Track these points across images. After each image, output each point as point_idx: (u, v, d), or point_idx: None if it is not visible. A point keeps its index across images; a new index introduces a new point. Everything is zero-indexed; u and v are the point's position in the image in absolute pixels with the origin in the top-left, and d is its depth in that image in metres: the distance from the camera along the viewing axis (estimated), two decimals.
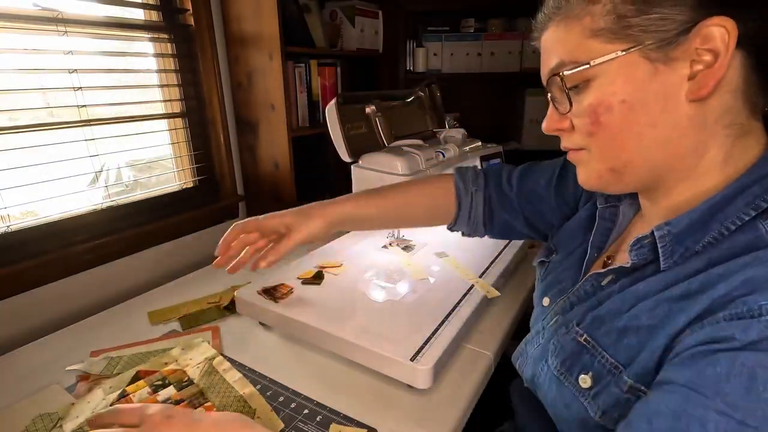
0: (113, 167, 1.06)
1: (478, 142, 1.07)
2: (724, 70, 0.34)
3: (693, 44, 0.34)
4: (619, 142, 0.39)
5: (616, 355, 0.39)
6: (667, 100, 0.36)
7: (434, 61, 1.82)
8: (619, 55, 0.36)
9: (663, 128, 0.37)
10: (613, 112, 0.38)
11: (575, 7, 0.38)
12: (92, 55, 1.00)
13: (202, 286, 0.93)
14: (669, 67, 0.35)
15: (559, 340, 0.46)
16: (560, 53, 0.40)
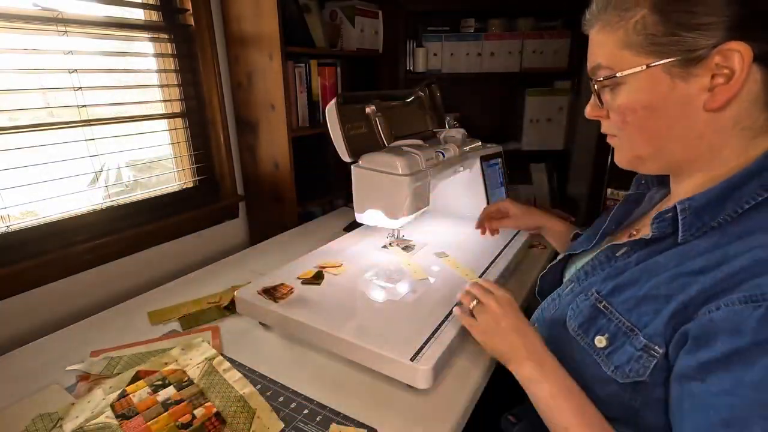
0: (113, 167, 1.06)
1: (478, 142, 1.07)
2: (739, 87, 0.38)
3: (713, 61, 0.39)
4: (642, 138, 0.46)
5: (632, 320, 0.44)
6: (685, 108, 0.42)
7: (434, 61, 1.82)
8: (643, 69, 0.42)
9: (680, 131, 0.43)
10: (637, 114, 0.44)
11: (613, 17, 0.43)
12: (92, 55, 1.00)
13: (202, 286, 0.93)
14: (687, 82, 0.40)
15: (579, 305, 0.51)
16: (599, 56, 0.46)
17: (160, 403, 0.59)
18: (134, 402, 0.59)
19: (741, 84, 0.38)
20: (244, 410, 0.58)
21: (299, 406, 0.59)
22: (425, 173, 0.78)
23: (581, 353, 0.49)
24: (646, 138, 0.46)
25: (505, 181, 1.15)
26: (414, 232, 1.04)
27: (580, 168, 1.87)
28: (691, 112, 0.42)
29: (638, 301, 0.44)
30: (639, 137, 0.46)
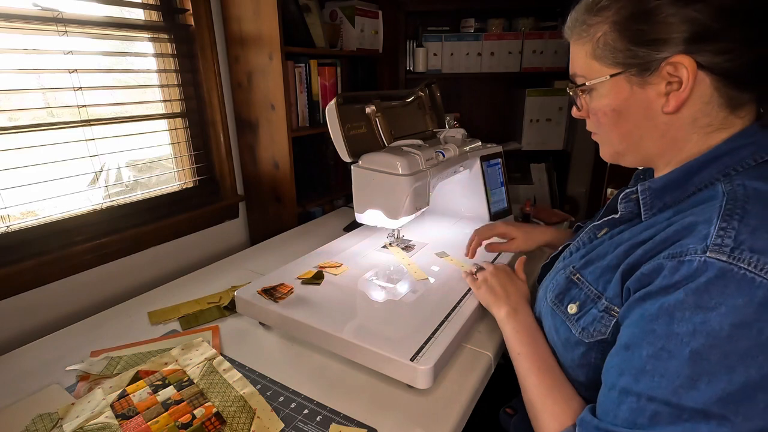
0: (113, 167, 1.06)
1: (478, 142, 1.07)
2: (688, 93, 0.44)
3: (665, 71, 0.45)
4: (616, 136, 0.52)
5: (598, 287, 0.50)
6: (646, 111, 0.48)
7: (434, 61, 1.82)
8: (608, 78, 0.49)
9: (645, 130, 0.49)
10: (608, 116, 0.51)
11: (582, 33, 0.50)
12: (92, 55, 1.00)
13: (202, 286, 0.93)
14: (644, 88, 0.47)
15: (557, 279, 0.58)
16: (573, 66, 0.53)
17: (160, 403, 0.59)
18: (134, 402, 0.59)
19: (689, 90, 0.44)
20: (244, 410, 0.58)
21: (299, 406, 0.59)
22: (425, 173, 0.78)
23: (556, 320, 0.56)
24: (619, 136, 0.52)
25: (505, 181, 1.15)
26: (414, 232, 1.04)
27: (580, 168, 1.87)
28: (651, 114, 0.48)
29: (603, 271, 0.50)
30: (613, 135, 0.53)
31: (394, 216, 0.78)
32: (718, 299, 0.37)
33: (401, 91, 1.00)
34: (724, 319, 0.36)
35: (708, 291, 0.37)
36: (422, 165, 0.78)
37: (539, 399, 0.53)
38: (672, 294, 0.39)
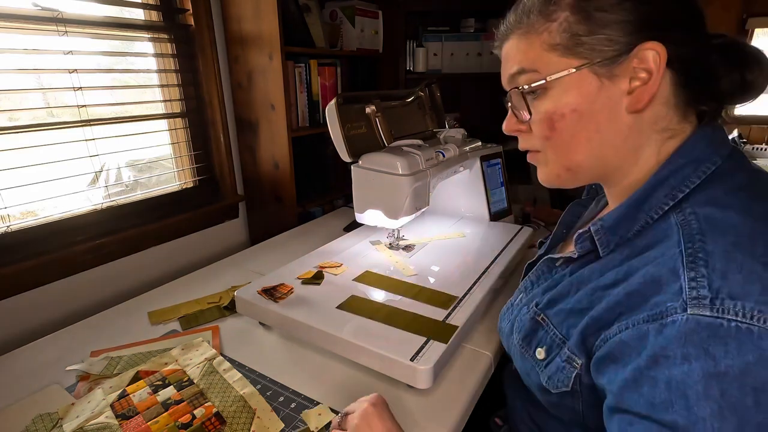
0: (113, 167, 1.06)
1: (478, 142, 1.07)
2: (657, 87, 0.40)
3: (632, 63, 0.40)
4: (572, 145, 0.45)
5: (563, 332, 0.45)
6: (611, 111, 0.42)
7: (434, 61, 1.82)
8: (572, 72, 0.42)
9: (608, 134, 0.44)
10: (566, 119, 0.44)
11: (535, 22, 0.44)
12: (92, 55, 1.00)
13: (202, 286, 0.93)
14: (612, 82, 0.41)
15: (521, 319, 0.53)
16: (521, 61, 0.46)
17: (160, 403, 0.59)
18: (134, 402, 0.59)
19: (658, 83, 0.40)
20: (244, 410, 0.58)
21: (299, 406, 0.59)
22: (425, 173, 0.78)
23: (526, 365, 0.51)
24: (575, 144, 0.45)
25: (505, 181, 1.15)
26: (414, 232, 1.04)
27: None
28: (616, 114, 0.43)
29: (567, 314, 0.46)
30: (568, 146, 0.45)
31: (394, 216, 0.78)
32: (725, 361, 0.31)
33: (401, 91, 1.00)
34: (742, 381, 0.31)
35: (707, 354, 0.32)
36: (422, 165, 0.78)
37: None
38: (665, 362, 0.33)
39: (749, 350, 0.31)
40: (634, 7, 0.39)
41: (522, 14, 0.45)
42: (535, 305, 0.51)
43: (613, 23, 0.40)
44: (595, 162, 0.46)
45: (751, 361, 0.31)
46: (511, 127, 0.51)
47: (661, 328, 0.34)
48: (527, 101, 0.46)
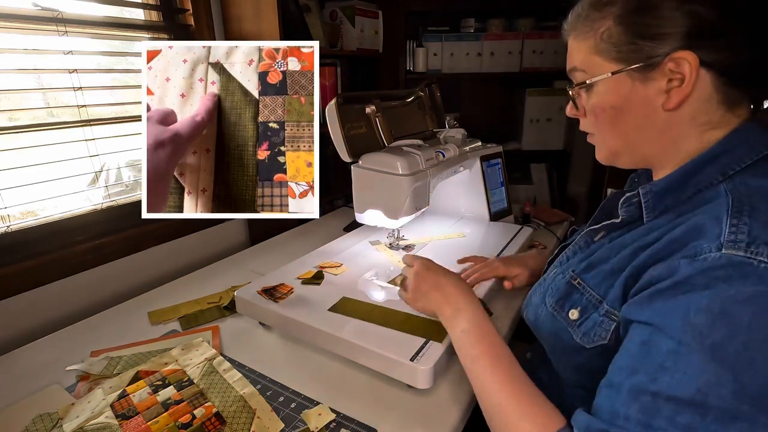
0: (113, 167, 1.06)
1: (478, 142, 1.07)
2: (690, 89, 0.44)
3: (667, 67, 0.44)
4: (613, 134, 0.51)
5: (599, 292, 0.49)
6: (646, 108, 0.47)
7: (434, 61, 1.82)
8: (609, 75, 0.48)
9: (645, 128, 0.49)
10: (606, 113, 0.50)
11: (585, 28, 0.49)
12: (92, 55, 0.99)
13: (202, 286, 0.93)
14: (646, 85, 0.46)
15: (556, 284, 0.56)
16: (575, 60, 0.52)
17: (160, 403, 0.59)
18: (134, 402, 0.59)
19: (691, 87, 0.44)
20: (244, 410, 0.58)
21: (299, 406, 0.59)
22: (425, 173, 0.78)
23: (557, 326, 0.54)
24: (617, 134, 0.51)
25: (505, 181, 1.15)
26: (414, 232, 1.04)
27: (580, 168, 1.87)
28: (651, 111, 0.47)
29: (605, 275, 0.49)
30: (611, 134, 0.52)
31: (394, 216, 0.78)
32: (738, 288, 0.36)
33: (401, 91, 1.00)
34: (743, 308, 0.35)
35: (727, 282, 0.36)
36: (422, 165, 0.78)
37: (511, 404, 0.47)
38: (686, 289, 0.38)
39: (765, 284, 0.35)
40: (672, 21, 0.43)
41: (575, 19, 0.51)
42: (572, 271, 0.54)
43: (652, 35, 0.44)
44: (635, 150, 0.51)
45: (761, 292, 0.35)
46: (570, 112, 0.56)
47: (692, 262, 0.38)
48: (579, 95, 0.53)
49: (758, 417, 0.34)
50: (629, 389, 0.39)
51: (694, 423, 0.35)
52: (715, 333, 0.35)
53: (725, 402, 0.34)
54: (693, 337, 0.36)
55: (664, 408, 0.36)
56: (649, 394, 0.37)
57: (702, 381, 0.35)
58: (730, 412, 0.34)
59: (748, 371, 0.34)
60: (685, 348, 0.36)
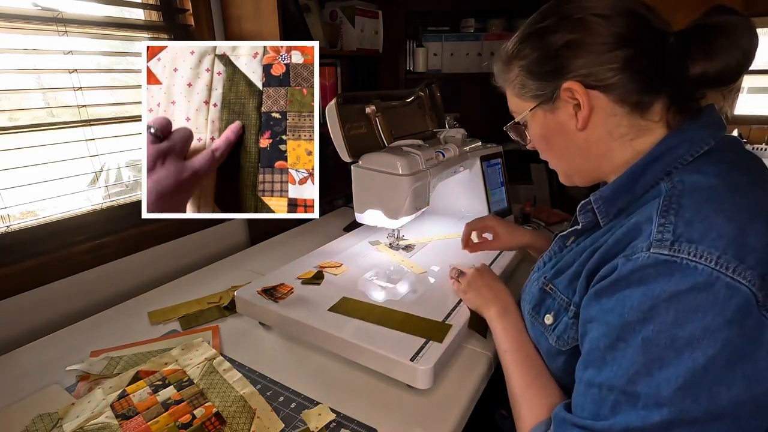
0: (113, 167, 1.06)
1: (478, 142, 1.07)
2: (589, 109, 0.50)
3: (565, 96, 0.51)
4: (555, 159, 0.59)
5: (568, 296, 0.52)
6: (564, 133, 0.54)
7: (434, 61, 1.82)
8: (528, 113, 0.57)
9: (573, 149, 0.55)
10: (541, 143, 0.58)
11: (503, 80, 0.59)
12: (92, 55, 1.00)
13: (202, 286, 0.93)
14: (555, 114, 0.54)
15: (532, 291, 0.60)
16: (509, 104, 0.61)
17: (160, 403, 0.59)
18: (134, 402, 0.59)
19: (589, 107, 0.50)
20: (244, 410, 0.58)
21: (299, 406, 0.59)
22: (425, 173, 0.78)
23: (535, 332, 0.58)
24: (557, 158, 0.59)
25: (505, 181, 1.15)
26: (414, 232, 1.04)
27: None
28: (569, 134, 0.53)
29: (571, 279, 0.53)
30: (554, 159, 0.59)
31: (394, 216, 0.78)
32: (663, 286, 0.39)
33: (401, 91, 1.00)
34: (669, 305, 0.39)
35: (655, 281, 0.40)
36: (422, 165, 0.78)
37: (520, 391, 0.55)
38: (622, 287, 0.42)
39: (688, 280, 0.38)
40: (557, 59, 0.51)
41: (497, 74, 0.61)
42: (544, 277, 0.58)
43: (541, 76, 0.53)
44: (576, 169, 0.57)
45: (683, 289, 0.38)
46: (528, 146, 0.62)
47: (627, 262, 0.42)
48: (522, 131, 0.61)
49: (681, 403, 0.37)
50: (584, 383, 0.44)
51: (626, 410, 0.40)
52: (646, 329, 0.39)
53: (651, 390, 0.38)
54: (628, 332, 0.41)
55: (607, 398, 0.41)
56: (596, 386, 0.42)
57: (632, 371, 0.40)
58: (656, 399, 0.38)
59: (673, 362, 0.38)
60: (622, 343, 0.41)
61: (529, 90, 0.55)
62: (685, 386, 0.37)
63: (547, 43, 0.51)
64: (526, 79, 0.54)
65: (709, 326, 0.37)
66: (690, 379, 0.37)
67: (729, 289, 0.37)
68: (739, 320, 0.37)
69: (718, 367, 0.37)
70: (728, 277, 0.37)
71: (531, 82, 0.54)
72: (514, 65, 0.56)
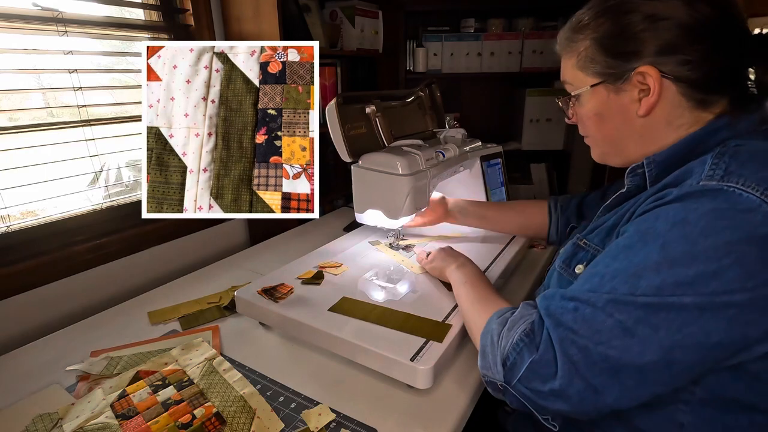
0: (113, 167, 1.06)
1: (478, 142, 1.07)
2: (657, 98, 0.50)
3: (635, 79, 0.51)
4: (601, 138, 0.59)
5: (602, 246, 0.54)
6: (623, 115, 0.54)
7: (434, 61, 1.82)
8: (588, 89, 0.55)
9: (625, 132, 0.55)
10: (592, 120, 0.58)
11: (569, 48, 0.57)
12: (92, 55, 1.00)
13: (202, 286, 0.93)
14: (619, 95, 0.53)
15: (565, 249, 0.61)
16: (564, 75, 0.60)
17: (160, 403, 0.59)
18: (134, 402, 0.59)
19: (657, 96, 0.50)
20: (244, 410, 0.58)
21: (299, 406, 0.59)
22: (425, 173, 0.78)
23: (562, 283, 0.58)
24: (603, 137, 0.58)
25: (505, 181, 1.15)
26: (414, 232, 1.04)
27: (580, 168, 1.87)
28: (628, 117, 0.54)
29: (607, 231, 0.54)
30: (599, 137, 0.59)
31: (394, 216, 0.78)
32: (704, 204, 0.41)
33: (401, 91, 1.00)
34: (702, 217, 0.41)
35: (696, 200, 0.42)
36: (422, 165, 0.78)
37: (471, 305, 0.62)
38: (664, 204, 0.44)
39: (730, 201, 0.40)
40: (639, 40, 0.50)
41: (562, 40, 0.58)
42: (579, 234, 0.60)
43: (619, 54, 0.51)
44: (621, 151, 0.57)
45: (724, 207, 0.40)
46: (569, 119, 0.63)
47: (674, 190, 0.44)
48: (570, 104, 0.60)
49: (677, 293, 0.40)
50: (587, 273, 0.47)
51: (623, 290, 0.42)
52: (670, 234, 0.42)
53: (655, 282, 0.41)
54: (650, 236, 0.43)
55: (606, 282, 0.44)
56: (599, 275, 0.45)
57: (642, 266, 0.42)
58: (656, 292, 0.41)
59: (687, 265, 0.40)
60: (640, 243, 0.43)
61: (597, 65, 0.53)
62: (687, 283, 0.40)
63: (629, 21, 0.50)
64: (597, 53, 0.53)
65: (731, 241, 0.39)
66: (696, 280, 0.39)
67: (766, 217, 0.39)
68: (763, 245, 0.38)
69: (728, 278, 0.39)
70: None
71: (602, 58, 0.53)
72: (586, 36, 0.54)
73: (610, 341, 0.42)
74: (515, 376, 0.47)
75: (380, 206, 0.78)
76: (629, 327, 0.41)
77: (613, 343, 0.42)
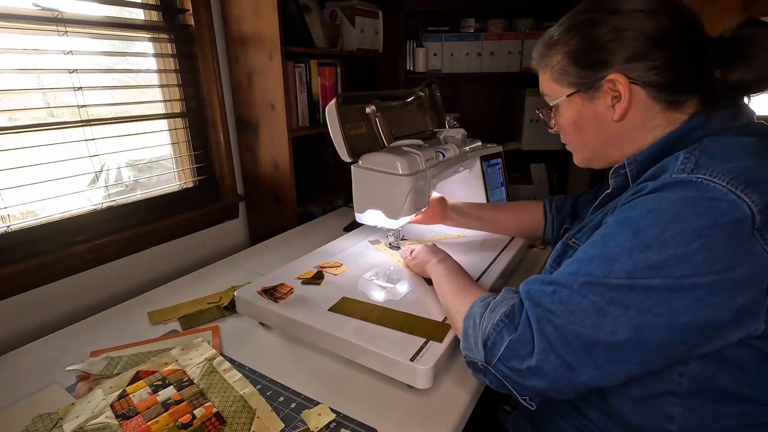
0: (113, 167, 1.06)
1: (478, 142, 1.07)
2: (628, 102, 0.53)
3: (606, 87, 0.54)
4: (580, 145, 0.62)
5: None
6: (599, 121, 0.57)
7: (434, 61, 1.82)
8: (564, 99, 0.59)
9: (603, 137, 0.58)
10: (570, 127, 0.61)
11: (543, 62, 0.61)
12: (92, 55, 1.00)
13: (202, 286, 0.93)
14: (593, 103, 0.56)
15: (556, 248, 0.62)
16: (542, 87, 0.63)
17: (160, 403, 0.59)
18: (134, 402, 0.59)
19: (628, 100, 0.52)
20: (244, 410, 0.58)
21: (299, 406, 0.59)
22: (425, 173, 0.78)
23: None
24: (583, 144, 0.61)
25: (505, 181, 1.15)
26: (414, 232, 1.04)
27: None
28: (604, 123, 0.56)
29: (592, 228, 0.56)
30: (579, 144, 0.62)
31: (394, 216, 0.78)
32: (675, 193, 0.44)
33: (401, 91, 1.00)
34: (673, 204, 0.43)
35: (669, 190, 0.44)
36: (422, 165, 0.78)
37: (453, 295, 0.63)
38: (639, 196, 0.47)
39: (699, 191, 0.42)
40: (606, 51, 0.53)
41: (536, 56, 0.62)
42: (568, 234, 0.61)
43: (587, 64, 0.55)
44: (602, 155, 0.60)
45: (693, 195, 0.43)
46: (551, 129, 0.66)
47: (651, 184, 0.47)
48: (552, 114, 0.63)
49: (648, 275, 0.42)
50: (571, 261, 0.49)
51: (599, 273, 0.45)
52: (642, 221, 0.44)
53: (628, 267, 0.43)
54: (625, 224, 0.46)
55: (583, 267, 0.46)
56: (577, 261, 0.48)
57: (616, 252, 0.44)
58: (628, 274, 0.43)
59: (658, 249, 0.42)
60: (616, 231, 0.46)
61: (570, 76, 0.57)
62: (657, 267, 0.42)
63: (597, 34, 0.53)
64: (569, 65, 0.56)
65: (699, 227, 0.41)
66: (665, 264, 0.42)
67: (732, 204, 0.41)
68: (729, 231, 0.41)
69: (696, 262, 0.41)
70: (735, 195, 0.41)
71: (573, 69, 0.56)
72: (558, 50, 0.57)
73: (584, 321, 0.44)
74: (495, 355, 0.49)
75: (380, 206, 0.78)
76: (602, 307, 0.43)
77: (586, 322, 0.44)
